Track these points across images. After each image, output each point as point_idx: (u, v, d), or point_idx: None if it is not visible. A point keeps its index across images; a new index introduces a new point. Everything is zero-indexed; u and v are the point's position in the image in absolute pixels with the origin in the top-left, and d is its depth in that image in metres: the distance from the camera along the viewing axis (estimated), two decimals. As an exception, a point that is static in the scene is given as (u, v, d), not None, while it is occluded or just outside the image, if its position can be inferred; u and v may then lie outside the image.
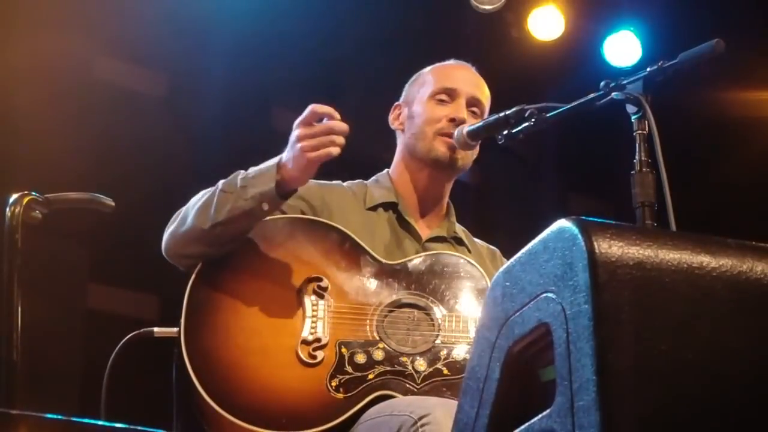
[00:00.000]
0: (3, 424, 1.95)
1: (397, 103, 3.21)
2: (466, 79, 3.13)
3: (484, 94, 3.13)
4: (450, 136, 3.01)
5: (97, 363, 3.19)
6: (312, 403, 2.69)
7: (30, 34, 4.90)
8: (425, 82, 3.14)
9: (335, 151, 2.68)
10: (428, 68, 3.20)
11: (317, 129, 2.69)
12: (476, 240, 3.22)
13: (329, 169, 2.84)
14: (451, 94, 3.08)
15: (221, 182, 2.80)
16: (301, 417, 2.66)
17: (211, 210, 2.74)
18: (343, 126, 2.70)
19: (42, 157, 4.68)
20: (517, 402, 1.72)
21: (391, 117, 3.21)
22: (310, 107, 2.71)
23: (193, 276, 2.79)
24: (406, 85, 3.23)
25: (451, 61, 3.21)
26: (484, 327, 1.79)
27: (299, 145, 2.68)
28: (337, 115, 2.71)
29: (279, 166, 2.73)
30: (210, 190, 2.83)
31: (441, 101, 3.07)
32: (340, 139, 2.69)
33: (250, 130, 5.55)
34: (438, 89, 3.09)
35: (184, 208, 2.85)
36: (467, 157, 3.06)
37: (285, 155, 2.73)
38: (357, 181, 3.16)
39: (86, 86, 5.18)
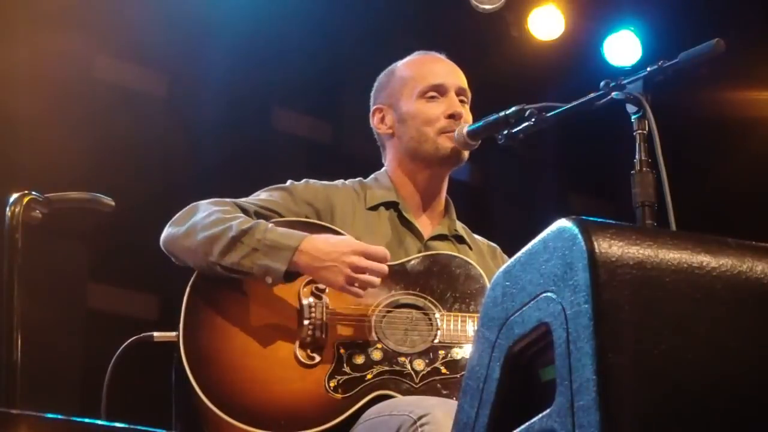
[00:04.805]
0: (3, 424, 1.95)
1: (376, 106, 3.12)
2: (449, 71, 3.10)
3: (466, 82, 3.10)
4: (451, 131, 3.00)
5: (97, 363, 3.19)
6: (311, 403, 2.69)
7: (30, 34, 4.90)
8: (406, 81, 3.08)
9: (361, 294, 2.73)
10: (400, 65, 3.14)
11: (372, 270, 2.72)
12: (476, 237, 3.21)
13: (330, 168, 2.83)
14: (439, 90, 3.04)
15: (238, 221, 2.75)
16: (300, 418, 2.66)
17: (218, 247, 2.72)
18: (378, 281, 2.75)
19: (42, 157, 4.68)
20: (517, 402, 1.72)
21: (374, 121, 3.12)
22: (384, 256, 2.74)
23: (191, 280, 2.80)
24: (378, 86, 3.15)
25: (422, 54, 3.15)
26: (484, 327, 1.78)
27: (349, 270, 2.69)
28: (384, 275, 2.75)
29: (300, 249, 2.71)
30: (225, 211, 2.79)
31: (431, 98, 3.03)
32: (368, 289, 2.75)
33: (250, 130, 5.54)
34: (426, 87, 3.03)
35: (195, 215, 2.81)
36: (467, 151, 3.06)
37: (313, 245, 2.71)
38: (357, 179, 3.14)
39: (86, 86, 5.17)
